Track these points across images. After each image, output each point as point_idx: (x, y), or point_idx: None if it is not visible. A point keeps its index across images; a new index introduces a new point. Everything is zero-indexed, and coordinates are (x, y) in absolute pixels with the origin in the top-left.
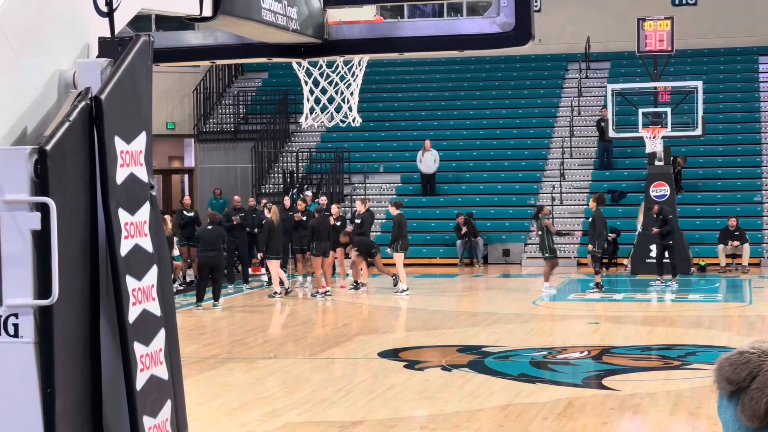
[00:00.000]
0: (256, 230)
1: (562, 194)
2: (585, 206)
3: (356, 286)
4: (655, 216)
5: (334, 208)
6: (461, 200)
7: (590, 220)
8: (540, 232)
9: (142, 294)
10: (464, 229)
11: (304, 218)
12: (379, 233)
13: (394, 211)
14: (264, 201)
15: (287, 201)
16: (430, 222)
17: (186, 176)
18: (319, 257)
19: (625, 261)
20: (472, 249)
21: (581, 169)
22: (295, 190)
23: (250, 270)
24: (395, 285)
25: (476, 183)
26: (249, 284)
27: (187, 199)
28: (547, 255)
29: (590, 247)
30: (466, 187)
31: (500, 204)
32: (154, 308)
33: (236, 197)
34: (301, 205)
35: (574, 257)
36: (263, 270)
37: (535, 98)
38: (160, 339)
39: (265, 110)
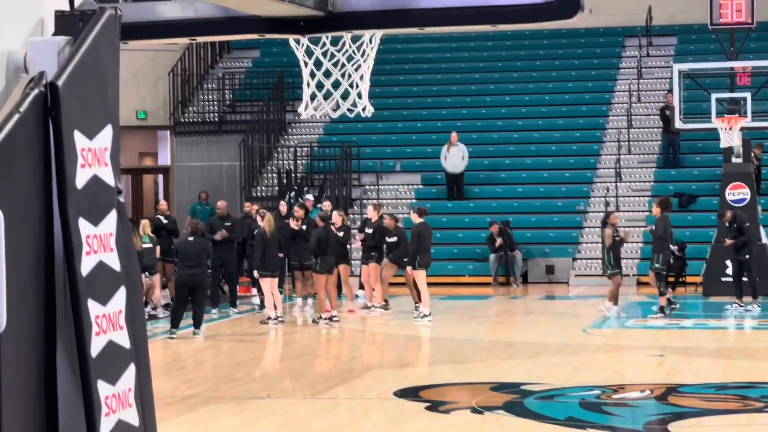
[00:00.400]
0: (245, 239)
1: (618, 198)
2: (647, 213)
3: (386, 306)
4: (728, 225)
5: (335, 216)
6: (495, 205)
7: (653, 229)
8: (612, 242)
9: (107, 322)
10: (499, 241)
11: (304, 227)
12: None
13: (416, 219)
14: (255, 207)
15: (283, 207)
16: (458, 232)
17: (160, 177)
18: (323, 275)
19: (696, 280)
20: (509, 265)
21: (641, 168)
22: (293, 193)
23: (238, 290)
24: (416, 309)
25: (513, 184)
26: (237, 308)
27: (163, 204)
28: (610, 271)
29: (655, 263)
30: (501, 189)
31: (543, 210)
32: (122, 339)
33: (220, 203)
34: (299, 211)
35: (634, 275)
36: (254, 290)
37: (586, 81)
38: (129, 376)
39: (257, 96)
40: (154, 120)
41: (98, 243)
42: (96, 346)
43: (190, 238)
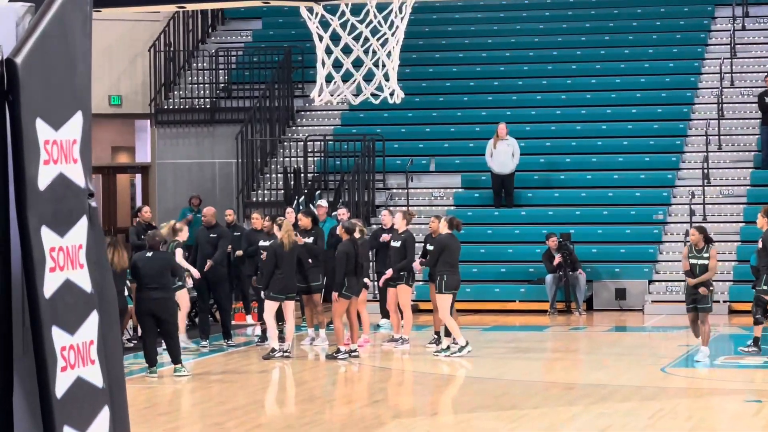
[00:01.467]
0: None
1: (706, 205)
2: (741, 223)
3: (399, 341)
4: None
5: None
6: (553, 214)
7: (759, 244)
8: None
9: (75, 355)
10: (557, 258)
11: (310, 240)
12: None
13: (443, 229)
14: (256, 216)
15: (290, 214)
16: (506, 247)
17: (138, 177)
18: (348, 301)
19: None
20: (570, 288)
21: (735, 167)
22: (302, 198)
23: (233, 318)
24: (437, 344)
25: (576, 188)
26: (232, 340)
27: (146, 212)
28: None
29: (763, 284)
30: (560, 194)
31: (612, 220)
32: (94, 376)
33: (207, 210)
34: (303, 220)
35: (725, 301)
36: (248, 318)
37: (666, 60)
38: (102, 423)
39: (258, 78)
40: (131, 107)
41: (65, 258)
42: (62, 384)
43: (149, 254)
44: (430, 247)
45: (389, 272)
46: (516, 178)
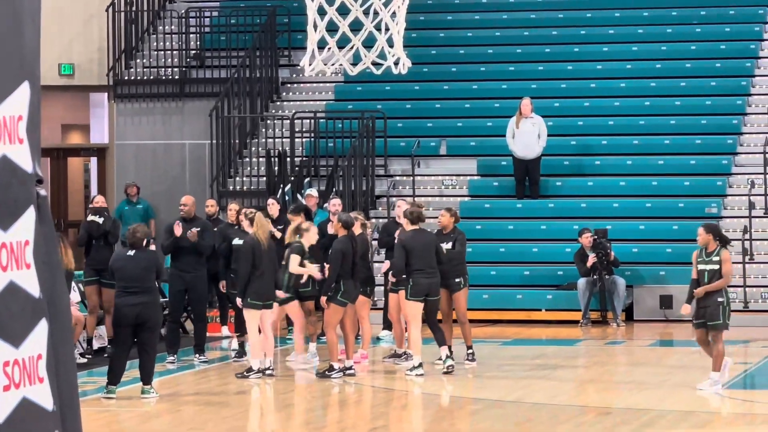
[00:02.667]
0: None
1: None
2: None
3: (403, 356)
4: None
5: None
6: (586, 206)
7: None
8: None
9: (20, 371)
10: (592, 259)
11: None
12: None
13: (406, 225)
14: (233, 207)
15: (273, 206)
16: (531, 245)
17: (93, 160)
18: (342, 308)
19: None
20: (606, 294)
21: None
22: (288, 186)
23: (205, 329)
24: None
25: (613, 176)
26: (205, 355)
27: (99, 202)
28: None
29: None
30: (594, 183)
31: (656, 214)
32: (43, 397)
33: (186, 198)
34: (295, 220)
35: None
36: (224, 330)
37: (721, 24)
38: None
39: (236, 44)
40: (85, 77)
41: (8, 256)
42: (5, 406)
43: (130, 253)
44: (447, 246)
45: (386, 265)
46: (542, 163)
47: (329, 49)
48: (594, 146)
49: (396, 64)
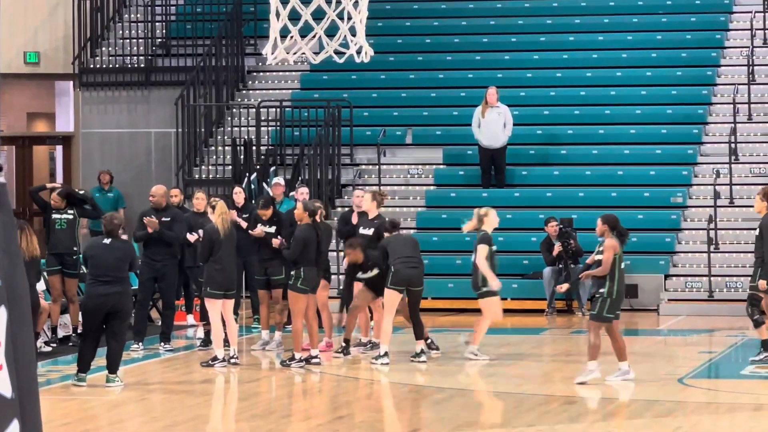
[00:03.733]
0: (192, 239)
1: (733, 186)
2: None
3: (368, 345)
4: None
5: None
6: (552, 195)
7: (757, 232)
8: None
9: None
10: (557, 248)
11: (273, 229)
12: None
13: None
14: (200, 196)
15: (239, 195)
16: (496, 234)
17: (58, 149)
18: (305, 295)
19: None
20: (572, 284)
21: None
22: (254, 175)
23: (173, 317)
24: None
25: (579, 165)
26: (170, 344)
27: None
28: None
29: (761, 282)
30: (560, 172)
31: (621, 203)
32: (1, 384)
33: (156, 188)
34: (264, 213)
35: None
36: (189, 318)
37: (687, 14)
38: None
39: (202, 32)
40: (50, 65)
41: None
42: None
43: (106, 241)
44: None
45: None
46: (508, 152)
47: (292, 37)
48: (560, 135)
49: (358, 52)
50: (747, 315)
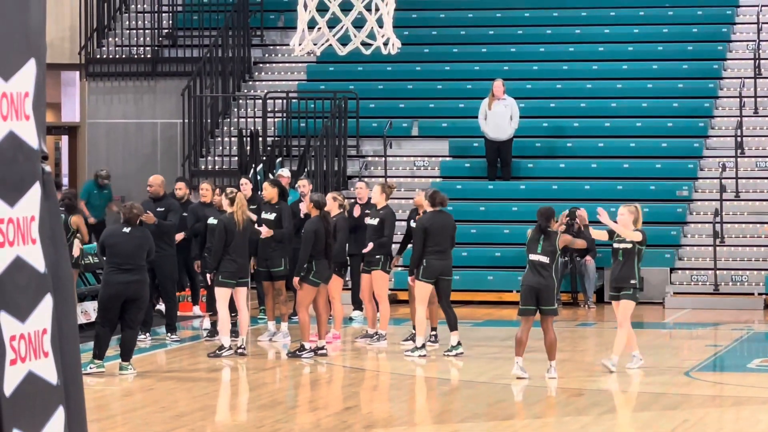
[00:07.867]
0: (179, 237)
1: (739, 180)
2: None
3: (374, 336)
4: None
5: (329, 201)
6: (558, 188)
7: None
8: None
9: (26, 345)
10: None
11: (273, 216)
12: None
13: (427, 207)
14: (206, 187)
15: (245, 186)
16: (502, 227)
17: (64, 139)
18: (315, 288)
19: None
20: (577, 276)
21: None
22: (261, 166)
23: (176, 307)
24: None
25: (585, 158)
26: (176, 334)
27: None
28: None
29: None
30: (566, 165)
31: (627, 196)
32: (48, 371)
33: (154, 178)
34: (269, 191)
35: (760, 294)
36: (195, 309)
37: (693, 7)
38: (56, 426)
39: (208, 23)
40: (56, 56)
41: (15, 231)
42: (11, 380)
43: (126, 229)
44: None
45: (370, 246)
46: (514, 145)
47: (319, 28)
48: (566, 128)
49: (386, 44)
50: None
